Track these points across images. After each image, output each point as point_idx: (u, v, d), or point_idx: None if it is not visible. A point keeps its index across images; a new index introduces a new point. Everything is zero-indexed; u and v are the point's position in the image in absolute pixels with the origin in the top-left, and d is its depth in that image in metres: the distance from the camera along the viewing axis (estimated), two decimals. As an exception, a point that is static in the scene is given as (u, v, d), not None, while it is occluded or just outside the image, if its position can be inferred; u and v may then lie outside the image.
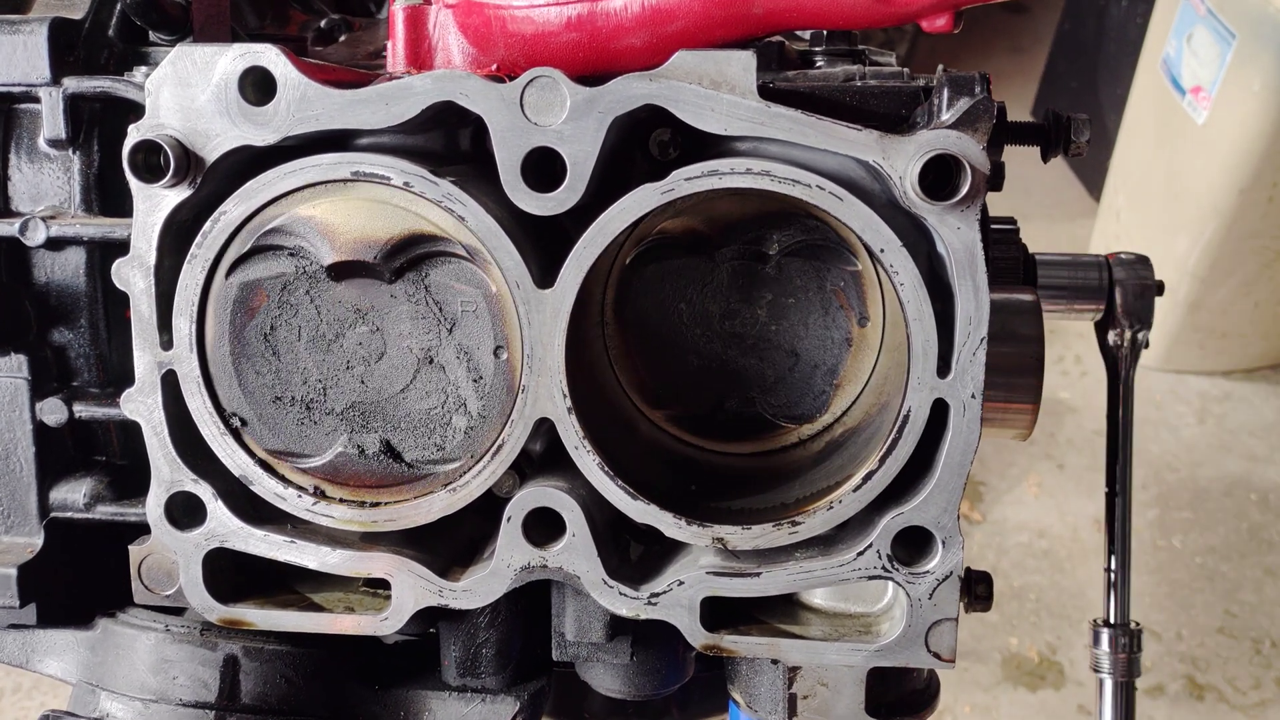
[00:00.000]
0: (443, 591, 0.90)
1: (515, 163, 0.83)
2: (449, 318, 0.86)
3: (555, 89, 0.82)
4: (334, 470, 0.89)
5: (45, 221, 0.94)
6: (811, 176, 0.82)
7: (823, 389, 0.93)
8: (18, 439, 0.97)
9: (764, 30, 0.87)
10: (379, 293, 0.87)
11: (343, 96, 0.84)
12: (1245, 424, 3.65)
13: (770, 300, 0.92)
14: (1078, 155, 0.98)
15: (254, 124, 0.84)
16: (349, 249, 0.85)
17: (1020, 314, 1.02)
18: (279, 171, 0.85)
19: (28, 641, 1.03)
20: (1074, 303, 1.38)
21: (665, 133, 0.89)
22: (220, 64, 0.84)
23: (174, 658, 0.97)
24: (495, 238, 0.84)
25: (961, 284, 0.81)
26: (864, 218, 0.81)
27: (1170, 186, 3.40)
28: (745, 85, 0.82)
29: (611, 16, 0.86)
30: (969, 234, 0.81)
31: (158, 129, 0.85)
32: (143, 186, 0.86)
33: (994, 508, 3.55)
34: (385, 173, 0.84)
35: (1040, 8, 5.14)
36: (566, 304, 0.84)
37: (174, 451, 0.89)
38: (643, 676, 1.02)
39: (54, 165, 0.97)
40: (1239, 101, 3.04)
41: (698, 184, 0.82)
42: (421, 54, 0.90)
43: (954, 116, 0.81)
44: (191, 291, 0.87)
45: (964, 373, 0.82)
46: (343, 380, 0.88)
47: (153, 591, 0.93)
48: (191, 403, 0.88)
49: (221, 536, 0.90)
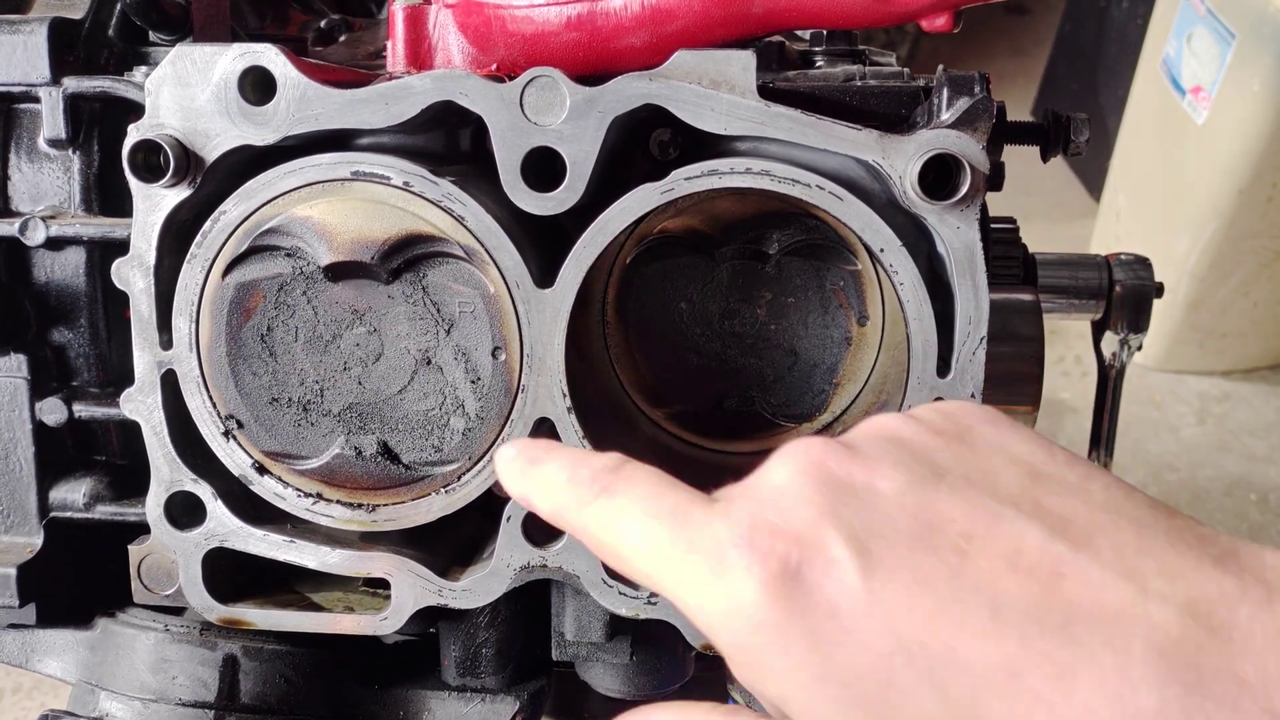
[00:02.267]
0: (442, 591, 0.90)
1: (515, 162, 0.83)
2: (447, 318, 0.86)
3: (555, 89, 0.82)
4: (331, 472, 0.89)
5: (45, 221, 0.94)
6: (811, 176, 0.82)
7: (822, 388, 0.93)
8: (17, 439, 0.97)
9: (764, 30, 0.87)
10: (376, 294, 0.87)
11: (342, 96, 0.84)
12: (1245, 424, 3.65)
13: (770, 299, 0.92)
14: (1077, 155, 0.98)
15: (254, 124, 0.84)
16: (346, 249, 0.84)
17: (1020, 314, 1.03)
18: (279, 171, 0.85)
19: (27, 641, 1.03)
20: (1074, 302, 1.38)
21: (665, 132, 0.89)
22: (220, 64, 0.84)
23: (173, 657, 0.97)
24: (495, 237, 0.84)
25: (961, 284, 0.81)
26: (864, 217, 0.82)
27: (1170, 186, 3.39)
28: (745, 85, 0.82)
29: (611, 16, 0.86)
30: (969, 234, 0.81)
31: (157, 129, 0.85)
32: (142, 186, 0.86)
33: (994, 508, 3.54)
34: (385, 172, 0.84)
35: (1041, 9, 5.14)
36: (566, 303, 0.84)
37: (173, 451, 0.89)
38: (643, 676, 1.01)
39: (54, 165, 0.97)
40: (1239, 102, 3.04)
41: (697, 184, 0.82)
42: (421, 54, 0.90)
43: (954, 116, 0.81)
44: (191, 291, 0.87)
45: (964, 372, 0.83)
46: (340, 381, 0.88)
47: (152, 591, 0.93)
48: (191, 402, 0.89)
49: (221, 536, 0.90)
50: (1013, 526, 0.52)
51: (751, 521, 0.54)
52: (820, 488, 0.55)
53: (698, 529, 0.56)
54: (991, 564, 0.51)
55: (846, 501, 0.54)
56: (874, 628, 0.51)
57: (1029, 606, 0.50)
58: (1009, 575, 0.51)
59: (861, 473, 0.55)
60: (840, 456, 0.56)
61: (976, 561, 0.51)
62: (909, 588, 0.51)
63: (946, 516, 0.53)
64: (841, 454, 0.57)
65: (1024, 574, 0.51)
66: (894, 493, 0.54)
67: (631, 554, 0.58)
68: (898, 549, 0.52)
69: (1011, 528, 0.52)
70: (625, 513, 0.58)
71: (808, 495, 0.54)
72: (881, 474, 0.55)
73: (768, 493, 0.56)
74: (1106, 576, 0.50)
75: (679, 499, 0.58)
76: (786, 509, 0.54)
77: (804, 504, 0.54)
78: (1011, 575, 0.51)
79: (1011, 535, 0.52)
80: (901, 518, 0.53)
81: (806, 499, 0.54)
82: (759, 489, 0.57)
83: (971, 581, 0.51)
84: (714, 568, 0.54)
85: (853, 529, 0.52)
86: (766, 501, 0.55)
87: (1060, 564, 0.51)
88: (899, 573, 0.51)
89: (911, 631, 0.50)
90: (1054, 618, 0.49)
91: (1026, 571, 0.51)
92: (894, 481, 0.55)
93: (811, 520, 0.53)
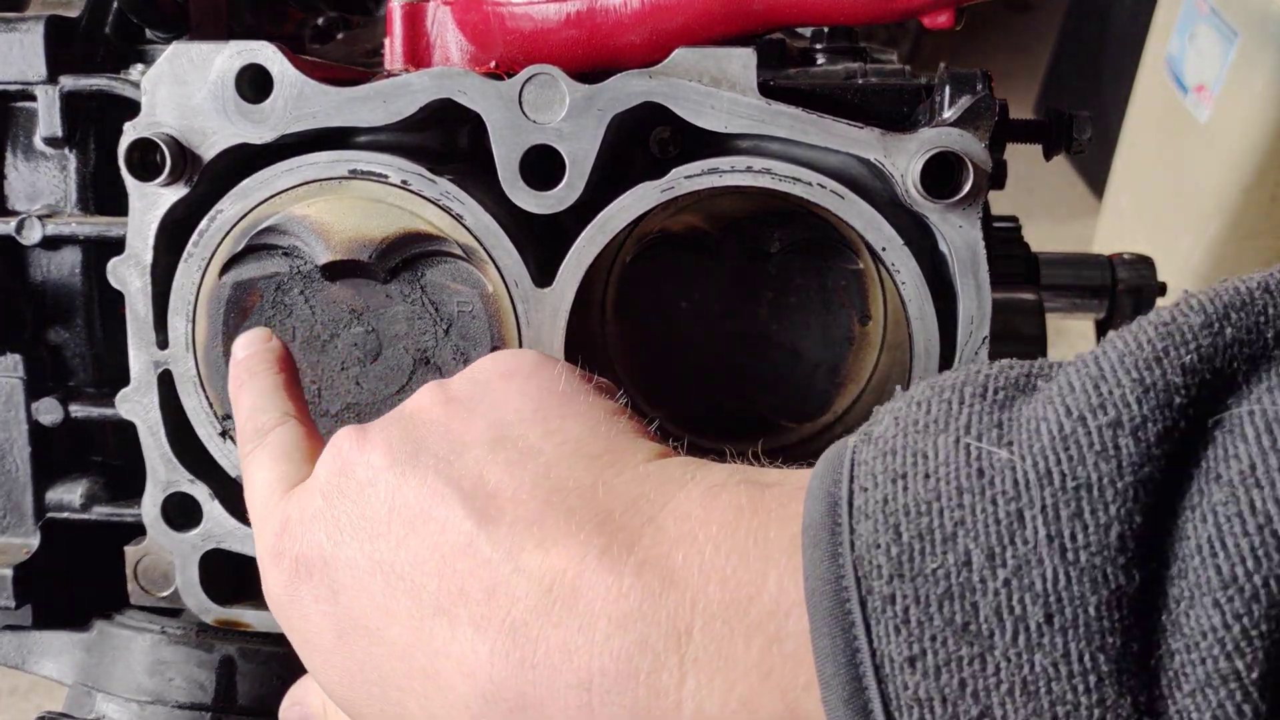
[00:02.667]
0: (441, 593, 0.89)
1: (514, 160, 0.83)
2: (445, 318, 0.86)
3: (554, 86, 0.82)
4: (330, 471, 0.88)
5: (41, 220, 0.93)
6: (813, 175, 0.81)
7: (824, 388, 0.93)
8: (13, 439, 0.96)
9: (764, 27, 0.86)
10: (374, 293, 0.86)
11: (340, 94, 0.83)
12: (1248, 424, 3.64)
13: (771, 299, 0.92)
14: (1079, 153, 0.97)
15: (251, 122, 0.84)
16: (343, 248, 0.84)
17: (1023, 313, 1.02)
18: (276, 169, 0.84)
19: (23, 643, 1.02)
20: (1077, 302, 1.37)
21: (665, 130, 0.89)
22: (217, 61, 0.84)
23: (170, 659, 0.96)
24: (493, 236, 0.83)
25: (963, 283, 0.81)
26: (865, 216, 0.81)
27: (1173, 185, 3.39)
28: (746, 82, 0.81)
29: (611, 13, 0.86)
30: (971, 232, 0.80)
31: (154, 127, 0.84)
32: (139, 185, 0.85)
33: (996, 507, 3.54)
34: (383, 170, 0.83)
35: (1043, 6, 5.14)
36: (565, 303, 0.84)
37: (170, 452, 0.89)
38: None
39: (50, 164, 0.97)
40: (1242, 100, 3.03)
41: (698, 182, 0.82)
42: (419, 51, 0.89)
43: (956, 114, 0.81)
44: (187, 290, 0.86)
45: (966, 372, 0.82)
46: (338, 382, 0.87)
47: (149, 593, 0.93)
48: (188, 402, 0.88)
49: (218, 537, 0.90)
50: (445, 510, 0.57)
51: (282, 522, 0.63)
52: (329, 481, 0.62)
53: (265, 512, 0.66)
54: (419, 549, 0.57)
55: (341, 496, 0.61)
56: (329, 612, 0.59)
57: (435, 590, 0.55)
58: (429, 559, 0.56)
59: (360, 460, 0.62)
60: (355, 441, 0.63)
61: (410, 547, 0.57)
62: (363, 576, 0.58)
63: (401, 501, 0.58)
64: (357, 439, 0.63)
65: (439, 557, 0.56)
66: (369, 480, 0.60)
67: None
68: (360, 539, 0.59)
69: (443, 511, 0.57)
70: (253, 475, 0.70)
71: (320, 487, 0.63)
72: (368, 460, 0.61)
73: (309, 486, 0.65)
74: (494, 554, 0.54)
75: (281, 472, 0.68)
76: (305, 508, 0.63)
77: (316, 498, 0.62)
78: (430, 559, 0.56)
79: (440, 519, 0.57)
80: (370, 507, 0.59)
81: (319, 491, 0.62)
82: (311, 482, 0.65)
83: (404, 567, 0.56)
84: (263, 552, 0.65)
85: (338, 524, 0.60)
86: (294, 497, 0.65)
87: (467, 544, 0.55)
88: (358, 562, 0.58)
89: (354, 616, 0.58)
90: (448, 599, 0.54)
91: (441, 555, 0.56)
92: (374, 468, 0.61)
93: (312, 518, 0.62)
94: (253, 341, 0.80)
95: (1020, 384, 0.48)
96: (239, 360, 0.79)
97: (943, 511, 0.44)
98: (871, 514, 0.46)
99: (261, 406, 0.74)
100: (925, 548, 0.44)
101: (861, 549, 0.45)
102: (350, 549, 0.59)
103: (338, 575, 0.59)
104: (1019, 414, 0.46)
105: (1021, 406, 0.47)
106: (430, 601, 0.55)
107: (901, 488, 0.46)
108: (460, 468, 0.59)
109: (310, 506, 0.62)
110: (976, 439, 0.46)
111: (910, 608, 0.43)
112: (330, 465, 0.63)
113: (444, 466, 0.59)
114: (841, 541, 0.46)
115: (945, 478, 0.45)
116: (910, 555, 0.44)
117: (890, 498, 0.46)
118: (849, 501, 0.47)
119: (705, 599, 0.49)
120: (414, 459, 0.60)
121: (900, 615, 0.43)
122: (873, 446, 0.49)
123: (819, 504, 0.48)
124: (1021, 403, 0.47)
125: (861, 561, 0.45)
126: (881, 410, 0.52)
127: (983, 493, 0.44)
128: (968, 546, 0.43)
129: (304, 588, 0.61)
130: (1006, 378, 0.49)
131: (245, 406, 0.75)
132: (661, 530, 0.52)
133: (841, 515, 0.47)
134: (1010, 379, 0.49)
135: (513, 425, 0.61)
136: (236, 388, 0.77)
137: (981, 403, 0.48)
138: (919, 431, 0.47)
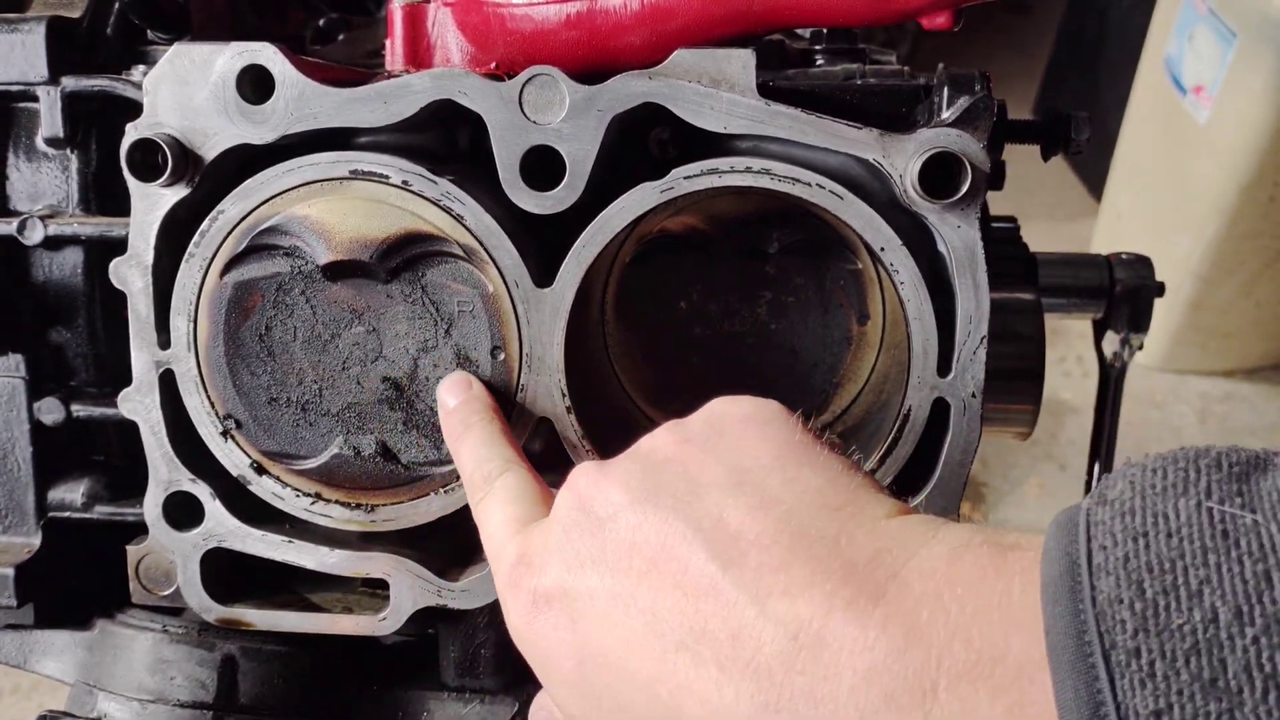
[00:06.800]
0: (441, 592, 0.89)
1: (514, 161, 0.83)
2: (446, 318, 0.86)
3: (554, 87, 0.82)
4: (329, 472, 0.88)
5: (43, 220, 0.94)
6: (811, 175, 0.81)
7: (822, 387, 0.93)
8: (15, 438, 0.97)
9: (764, 28, 0.86)
10: (375, 293, 0.86)
11: (341, 95, 0.84)
12: (1247, 424, 3.64)
13: (770, 298, 0.92)
14: (1078, 154, 0.97)
15: (252, 122, 0.84)
16: (344, 248, 0.84)
17: (1021, 313, 1.02)
18: (277, 170, 0.85)
19: (25, 642, 1.03)
20: (1075, 302, 1.38)
21: (665, 131, 0.89)
22: (218, 62, 0.84)
23: (172, 658, 0.96)
24: (494, 236, 0.83)
25: (962, 283, 0.81)
26: (864, 216, 0.81)
27: (1172, 186, 3.39)
28: (745, 83, 0.81)
29: (611, 14, 0.86)
30: (969, 233, 0.81)
31: (155, 127, 0.84)
32: (140, 185, 0.85)
33: (996, 509, 3.55)
34: (384, 171, 0.83)
35: (1042, 7, 5.14)
36: (565, 302, 0.84)
37: (171, 451, 0.89)
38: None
39: (52, 164, 0.97)
40: (1241, 101, 3.03)
41: (697, 183, 0.82)
42: (420, 52, 0.89)
43: (954, 114, 0.81)
44: (189, 291, 0.86)
45: (964, 372, 0.82)
46: (339, 381, 0.88)
47: (150, 592, 0.93)
48: (189, 402, 0.88)
49: (219, 536, 0.90)
50: (687, 549, 0.58)
51: (519, 555, 0.67)
52: (568, 515, 0.64)
53: (500, 548, 0.70)
54: (661, 585, 0.58)
55: (580, 530, 0.63)
56: (567, 640, 0.61)
57: (677, 626, 0.56)
58: (670, 596, 0.57)
59: (599, 497, 0.63)
60: (592, 479, 0.65)
61: (651, 582, 0.58)
62: (603, 607, 0.60)
63: (641, 538, 0.60)
64: (594, 477, 0.65)
65: (681, 595, 0.57)
66: (609, 516, 0.62)
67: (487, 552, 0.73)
68: (600, 572, 0.61)
69: (685, 550, 0.58)
70: (487, 519, 0.74)
71: (559, 522, 0.65)
72: (607, 498, 0.63)
73: (547, 521, 0.67)
74: (739, 597, 0.55)
75: (513, 514, 0.72)
76: (542, 543, 0.66)
77: (554, 532, 0.65)
78: (672, 595, 0.57)
79: (683, 558, 0.58)
80: (610, 542, 0.61)
81: (558, 526, 0.65)
82: (550, 517, 0.67)
83: (645, 601, 0.58)
84: (501, 586, 0.68)
85: (578, 557, 0.62)
86: (530, 533, 0.68)
87: (711, 585, 0.56)
88: (598, 594, 0.60)
89: (594, 645, 0.60)
90: (691, 636, 0.55)
91: (683, 592, 0.57)
92: (614, 505, 0.62)
93: (550, 551, 0.64)
94: (458, 389, 0.84)
95: (1254, 462, 0.49)
96: (451, 409, 0.83)
97: (1187, 570, 0.45)
98: (1112, 570, 0.46)
99: (486, 456, 0.78)
100: (1171, 604, 0.44)
101: (1103, 604, 0.46)
102: (590, 580, 0.61)
103: (577, 605, 0.61)
104: (1258, 485, 0.47)
105: (1259, 480, 0.48)
106: (673, 637, 0.56)
107: (1144, 545, 0.46)
108: (700, 509, 0.59)
109: (548, 541, 0.65)
110: (1219, 503, 0.47)
111: (1156, 662, 0.44)
112: (569, 501, 0.65)
113: (683, 507, 0.60)
114: (1083, 597, 0.46)
115: (1189, 537, 0.46)
116: (1155, 611, 0.44)
117: (1132, 555, 0.46)
118: (1088, 559, 0.47)
119: (950, 658, 0.49)
120: (653, 497, 0.61)
121: (1146, 669, 0.44)
122: (1109, 508, 0.49)
123: (1056, 564, 0.48)
124: (1258, 476, 0.48)
125: (1104, 616, 0.45)
126: (1114, 475, 0.52)
127: (1228, 553, 0.45)
128: (1214, 604, 0.44)
129: (542, 617, 0.63)
130: (1240, 455, 0.50)
131: (469, 457, 0.79)
132: (906, 586, 0.52)
133: (1081, 573, 0.47)
134: (1245, 456, 0.50)
135: (751, 471, 0.61)
136: (455, 439, 0.82)
137: (1219, 472, 0.48)
138: (1157, 495, 0.48)
